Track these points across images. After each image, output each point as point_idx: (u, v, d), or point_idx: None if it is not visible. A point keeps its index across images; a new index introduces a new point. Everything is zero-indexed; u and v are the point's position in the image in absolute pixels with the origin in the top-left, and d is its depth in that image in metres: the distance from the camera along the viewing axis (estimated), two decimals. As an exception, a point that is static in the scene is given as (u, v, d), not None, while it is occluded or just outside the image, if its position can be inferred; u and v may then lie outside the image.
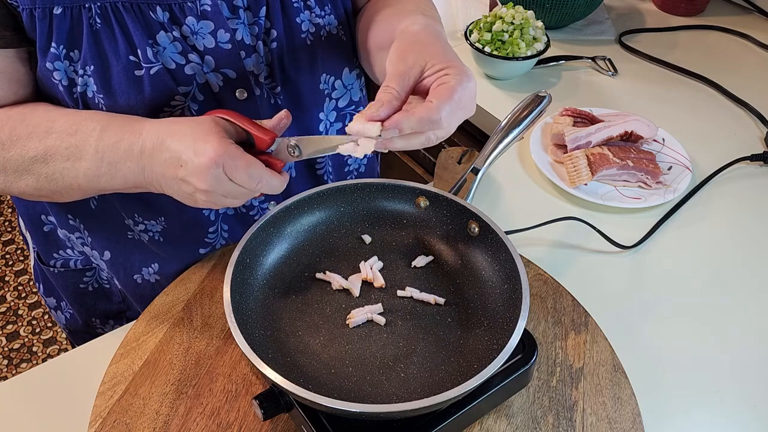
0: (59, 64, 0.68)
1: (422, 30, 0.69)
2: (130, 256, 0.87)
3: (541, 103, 0.83)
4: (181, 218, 0.83)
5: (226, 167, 0.61)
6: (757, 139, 1.16)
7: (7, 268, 2.37)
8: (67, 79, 0.69)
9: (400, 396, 0.63)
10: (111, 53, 0.68)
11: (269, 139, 0.67)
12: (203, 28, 0.71)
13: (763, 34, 1.43)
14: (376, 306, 0.71)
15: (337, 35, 0.82)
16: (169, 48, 0.70)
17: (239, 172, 0.62)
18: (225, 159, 0.61)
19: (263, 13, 0.74)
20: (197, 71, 0.72)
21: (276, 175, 0.66)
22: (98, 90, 0.70)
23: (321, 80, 0.83)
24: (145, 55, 0.69)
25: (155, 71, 0.70)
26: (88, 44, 0.67)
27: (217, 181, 0.62)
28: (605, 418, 0.69)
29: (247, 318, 0.66)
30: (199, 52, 0.72)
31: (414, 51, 0.64)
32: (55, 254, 0.93)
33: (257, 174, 0.63)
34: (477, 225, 0.74)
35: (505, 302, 0.68)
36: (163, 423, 0.68)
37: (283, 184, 0.67)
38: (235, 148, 0.62)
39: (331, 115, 0.88)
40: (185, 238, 0.85)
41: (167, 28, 0.69)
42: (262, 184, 0.64)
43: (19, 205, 0.93)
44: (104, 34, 0.68)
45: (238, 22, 0.73)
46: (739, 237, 0.98)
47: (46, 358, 2.08)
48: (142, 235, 0.85)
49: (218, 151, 0.61)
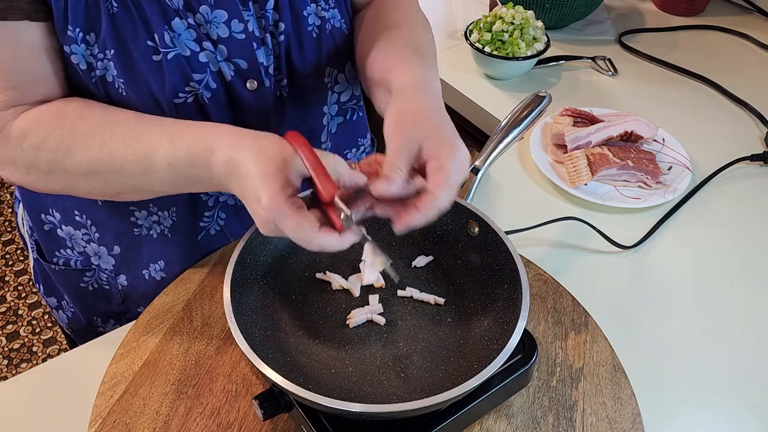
0: (76, 48, 0.68)
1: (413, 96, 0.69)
2: (139, 250, 0.88)
3: (541, 103, 0.83)
4: (187, 207, 0.84)
5: (277, 224, 0.59)
6: (757, 139, 1.16)
7: (7, 268, 2.37)
8: (86, 63, 0.69)
9: (400, 396, 0.63)
10: (129, 37, 0.68)
11: (328, 197, 0.61)
12: (217, 17, 0.71)
13: (763, 34, 1.43)
14: (376, 306, 0.72)
15: (340, 28, 0.83)
16: (184, 35, 0.70)
17: (287, 231, 0.59)
18: (275, 217, 0.59)
19: (270, 6, 0.75)
20: (211, 59, 0.73)
21: (331, 235, 0.60)
22: (118, 74, 0.70)
23: (325, 74, 0.84)
24: (162, 39, 0.69)
25: (172, 56, 0.70)
26: (107, 28, 0.67)
27: (270, 230, 0.61)
28: (605, 418, 0.69)
29: (247, 318, 0.66)
30: (213, 41, 0.72)
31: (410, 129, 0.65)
32: (56, 252, 0.93)
33: (305, 235, 0.59)
34: (477, 225, 0.74)
35: (505, 302, 0.68)
36: (163, 423, 0.68)
37: (342, 244, 0.61)
38: (288, 206, 0.59)
39: (333, 108, 0.88)
40: (185, 224, 0.86)
41: (182, 14, 0.70)
42: (312, 244, 0.60)
43: (21, 200, 0.93)
44: (122, 18, 0.68)
45: (249, 14, 0.73)
46: (739, 237, 0.98)
47: (46, 358, 2.08)
48: (155, 226, 0.85)
49: (269, 209, 0.59)
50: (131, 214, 0.84)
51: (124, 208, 0.84)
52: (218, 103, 0.75)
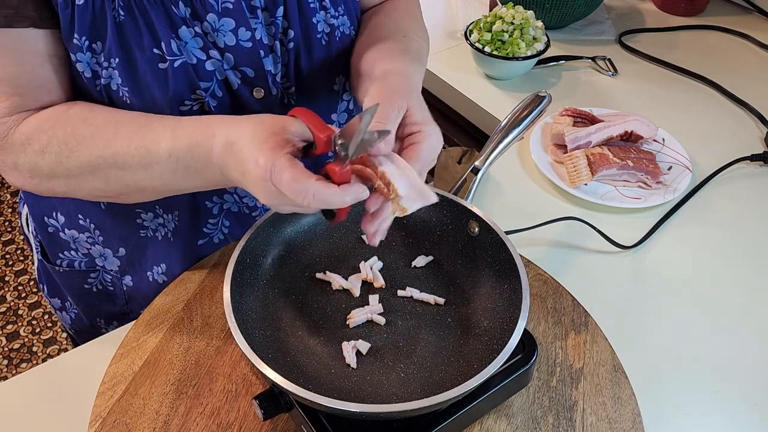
0: (81, 56, 0.68)
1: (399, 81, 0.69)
2: (144, 252, 0.88)
3: (541, 103, 0.83)
4: (189, 208, 0.84)
5: (274, 181, 0.57)
6: (757, 139, 1.16)
7: (7, 268, 2.37)
8: (91, 71, 0.69)
9: (400, 396, 0.63)
10: (135, 46, 0.68)
11: (325, 137, 0.58)
12: (224, 26, 0.71)
13: (763, 34, 1.43)
14: (376, 306, 0.72)
15: (350, 36, 0.82)
16: (191, 43, 0.70)
17: (284, 187, 0.56)
18: (272, 172, 0.56)
19: (280, 13, 0.74)
20: (217, 67, 0.72)
21: (331, 188, 0.57)
22: (123, 83, 0.69)
23: (335, 81, 0.83)
24: (169, 47, 0.69)
25: (179, 64, 0.70)
26: (113, 36, 0.67)
27: (271, 194, 0.58)
28: (605, 418, 0.69)
29: (247, 318, 0.66)
30: (220, 49, 0.72)
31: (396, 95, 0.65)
32: (60, 254, 0.93)
33: (301, 187, 0.56)
34: (477, 225, 0.74)
35: (505, 302, 0.68)
36: (163, 423, 0.68)
37: (343, 198, 0.57)
38: (286, 160, 0.56)
39: (343, 116, 0.88)
40: (188, 229, 0.86)
41: (189, 23, 0.69)
42: (312, 199, 0.56)
43: (25, 203, 0.93)
44: (128, 26, 0.67)
45: (257, 22, 0.73)
46: (739, 237, 0.98)
47: (46, 358, 2.08)
48: (160, 228, 0.85)
49: (266, 165, 0.56)
50: (137, 216, 0.84)
51: (131, 210, 0.84)
52: (224, 112, 0.75)
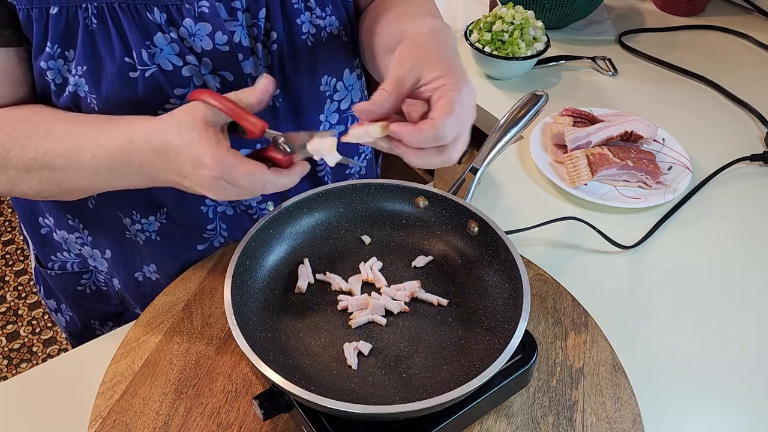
0: (53, 63, 0.68)
1: (428, 34, 0.66)
2: (131, 253, 0.88)
3: (538, 102, 0.83)
4: (180, 212, 0.84)
5: (227, 178, 0.60)
6: (757, 139, 1.16)
7: (7, 268, 2.37)
8: (61, 77, 0.69)
9: (402, 397, 0.63)
10: (106, 54, 0.68)
11: (258, 132, 0.63)
12: (201, 30, 0.70)
13: (763, 34, 1.43)
14: (378, 306, 0.71)
15: (338, 36, 0.81)
16: (166, 49, 0.70)
17: (239, 181, 0.61)
18: (224, 171, 0.60)
19: (263, 15, 0.74)
20: (194, 73, 0.72)
21: (281, 173, 0.63)
22: (90, 90, 0.70)
23: (321, 82, 0.83)
24: (140, 57, 0.69)
25: (150, 73, 0.70)
26: (82, 44, 0.67)
27: (222, 189, 0.61)
28: (605, 418, 0.69)
29: (247, 320, 0.66)
30: (197, 54, 0.71)
31: (415, 56, 0.63)
32: (52, 257, 0.93)
33: (258, 180, 0.61)
34: (476, 224, 0.74)
35: (506, 302, 0.68)
36: (163, 423, 0.68)
37: (294, 179, 0.64)
38: (232, 156, 0.60)
39: (333, 117, 0.87)
40: (183, 234, 0.85)
41: (164, 29, 0.69)
42: (267, 186, 0.62)
43: (17, 207, 0.93)
44: (100, 34, 0.68)
45: (236, 24, 0.72)
46: (739, 237, 0.98)
47: (46, 358, 2.08)
48: (139, 235, 0.85)
49: (215, 166, 0.59)
50: (120, 219, 0.84)
51: (114, 213, 0.84)
52: None
